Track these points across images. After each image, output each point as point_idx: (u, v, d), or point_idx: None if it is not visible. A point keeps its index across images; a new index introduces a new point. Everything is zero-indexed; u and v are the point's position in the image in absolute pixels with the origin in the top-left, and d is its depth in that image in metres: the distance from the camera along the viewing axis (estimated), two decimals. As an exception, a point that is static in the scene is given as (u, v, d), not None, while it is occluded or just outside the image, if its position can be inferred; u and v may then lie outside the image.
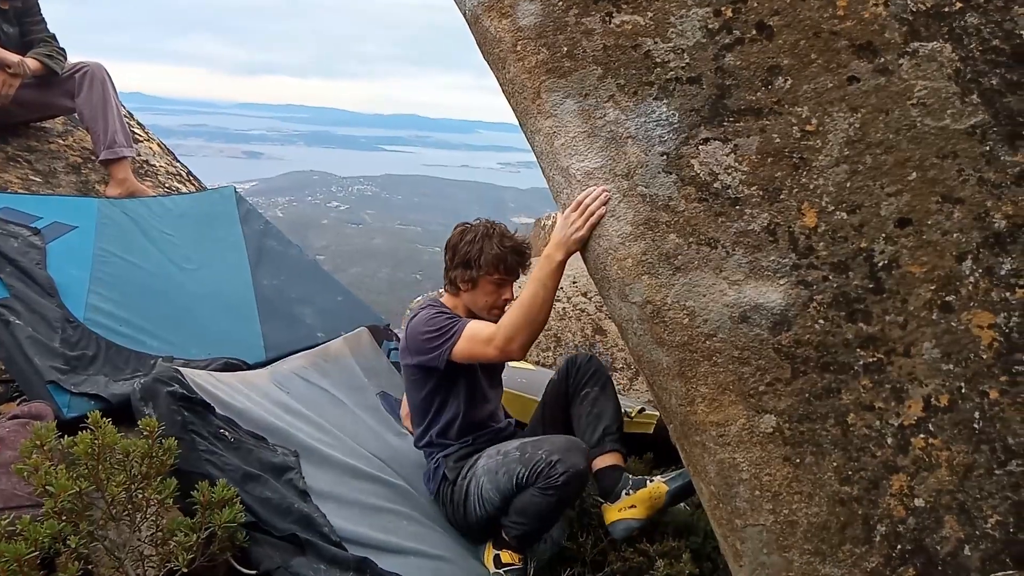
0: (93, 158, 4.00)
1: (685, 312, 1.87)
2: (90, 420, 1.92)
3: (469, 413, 2.60)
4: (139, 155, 4.33)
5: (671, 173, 1.91)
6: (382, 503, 2.52)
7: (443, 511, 2.61)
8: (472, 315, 2.60)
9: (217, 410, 2.39)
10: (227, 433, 2.32)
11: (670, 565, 2.22)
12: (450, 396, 2.58)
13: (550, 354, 4.77)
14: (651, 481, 2.40)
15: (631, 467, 2.71)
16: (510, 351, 2.31)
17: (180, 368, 2.49)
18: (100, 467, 1.87)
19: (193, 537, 1.93)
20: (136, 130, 4.51)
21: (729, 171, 1.88)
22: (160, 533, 1.95)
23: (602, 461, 2.48)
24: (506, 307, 2.60)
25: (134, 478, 1.92)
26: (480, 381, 2.64)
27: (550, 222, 6.84)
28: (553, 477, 2.22)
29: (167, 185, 4.34)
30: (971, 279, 1.71)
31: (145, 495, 1.92)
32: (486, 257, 2.54)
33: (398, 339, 3.38)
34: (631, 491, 2.36)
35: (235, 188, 4.00)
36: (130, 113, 4.56)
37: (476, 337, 2.39)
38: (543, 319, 2.27)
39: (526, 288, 2.27)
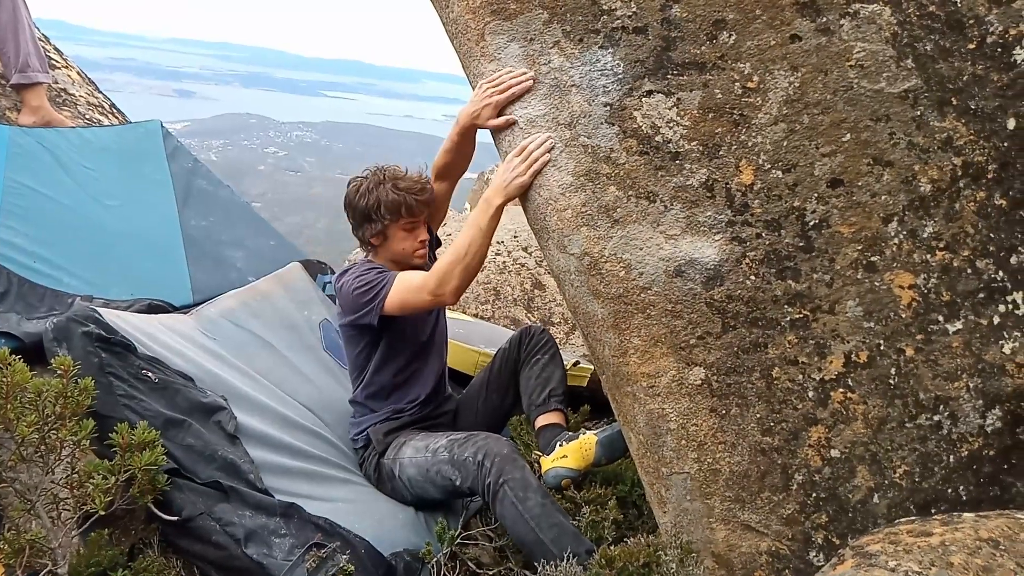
0: (3, 83, 3.73)
1: (621, 265, 1.88)
2: (-2, 358, 1.82)
3: (402, 377, 2.59)
4: (56, 83, 4.05)
5: (613, 124, 1.90)
6: (310, 450, 2.49)
7: (367, 474, 2.59)
8: (400, 267, 2.55)
9: (139, 350, 2.29)
10: (151, 374, 2.23)
11: (596, 512, 2.27)
12: (384, 357, 2.55)
13: (488, 307, 4.77)
14: (583, 434, 2.44)
15: (570, 421, 2.76)
16: (442, 295, 2.30)
17: (99, 308, 2.37)
18: (9, 407, 1.78)
19: (111, 480, 1.87)
20: (53, 56, 4.21)
21: (671, 125, 1.87)
22: (76, 475, 1.88)
23: (545, 419, 2.53)
24: (426, 247, 2.60)
25: (47, 419, 1.84)
26: (416, 347, 2.61)
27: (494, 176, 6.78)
28: (484, 475, 2.24)
29: (87, 117, 4.08)
30: (895, 240, 1.76)
31: (59, 436, 1.84)
32: (385, 205, 2.47)
33: (332, 272, 3.30)
34: (564, 443, 2.41)
35: (161, 123, 3.79)
36: (45, 37, 4.25)
37: (408, 286, 2.37)
38: (477, 264, 2.26)
39: (463, 232, 2.25)
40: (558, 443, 2.42)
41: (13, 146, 3.13)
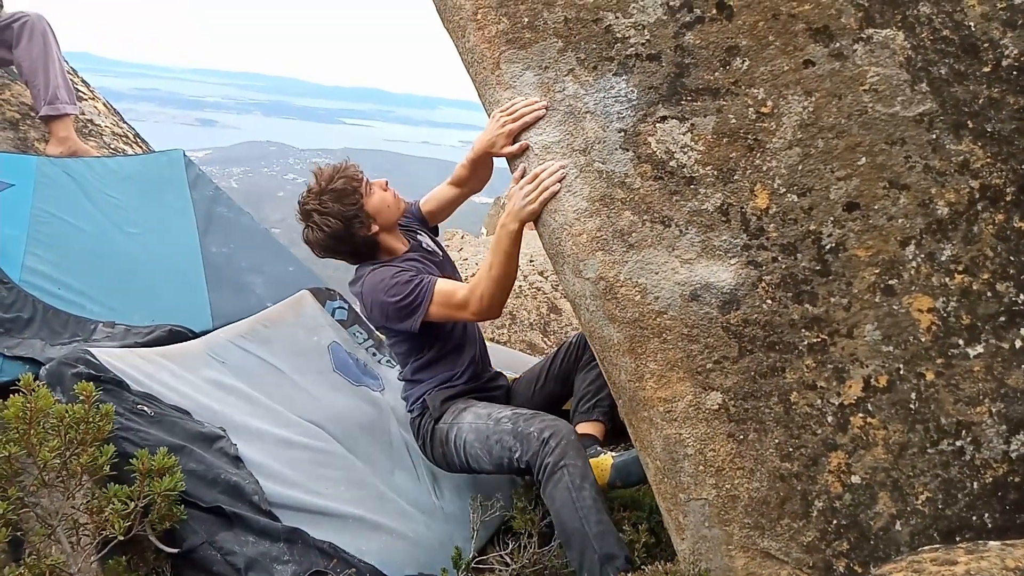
0: (32, 114, 3.82)
1: (637, 289, 1.88)
2: (22, 383, 1.85)
3: (446, 349, 2.64)
4: (83, 113, 4.15)
5: (628, 150, 1.91)
6: (317, 469, 2.49)
7: (417, 440, 2.67)
8: (392, 223, 2.62)
9: (132, 386, 2.31)
10: (146, 408, 2.25)
11: (628, 534, 2.26)
12: (426, 337, 2.59)
13: (504, 331, 4.77)
14: (603, 453, 2.45)
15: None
16: (485, 312, 2.40)
17: (91, 349, 2.40)
18: (32, 432, 1.80)
19: (131, 505, 1.89)
20: (80, 87, 4.32)
21: (685, 150, 1.88)
22: (96, 501, 1.89)
23: (584, 428, 2.59)
24: (389, 187, 2.64)
25: (69, 444, 1.86)
26: (455, 328, 2.67)
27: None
28: (546, 453, 2.24)
29: (112, 146, 4.18)
30: (913, 264, 1.75)
31: (80, 461, 1.86)
32: (344, 198, 2.51)
33: (342, 298, 3.33)
34: None
35: (184, 152, 3.86)
36: (73, 70, 4.36)
37: (450, 302, 2.42)
38: (512, 278, 2.35)
39: (490, 259, 2.31)
40: None
41: (41, 176, 3.21)
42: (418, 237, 2.80)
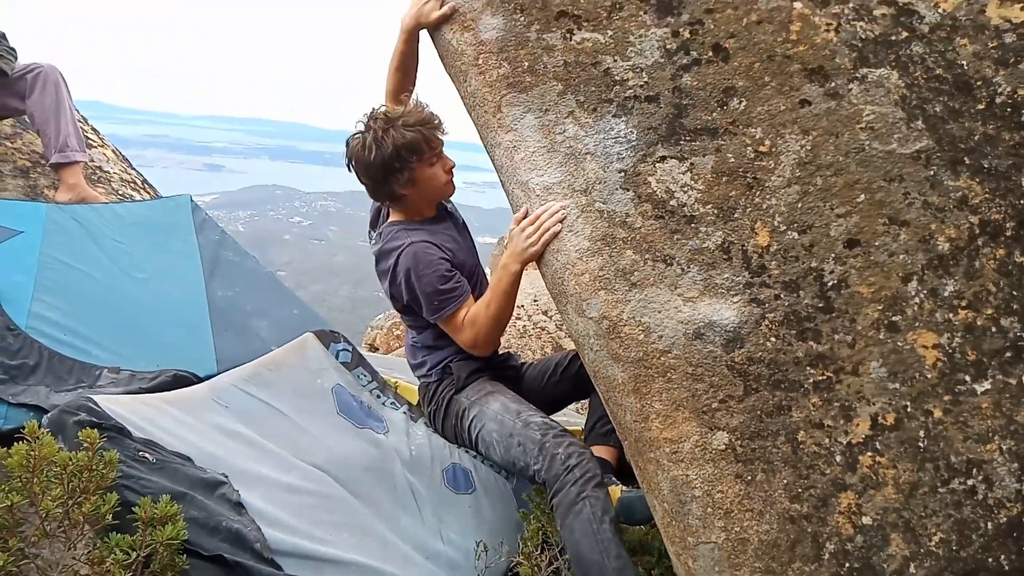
0: (43, 162, 3.89)
1: (641, 328, 1.88)
2: (26, 431, 1.84)
3: None
4: (92, 160, 4.22)
5: (628, 190, 1.93)
6: (320, 515, 2.47)
7: (428, 406, 2.66)
8: (433, 204, 2.57)
9: (134, 433, 2.30)
10: (148, 455, 2.24)
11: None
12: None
13: (509, 372, 4.74)
14: (615, 484, 2.43)
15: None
16: (479, 348, 2.46)
17: (94, 396, 2.40)
18: (35, 480, 1.79)
19: (133, 555, 1.86)
20: (90, 135, 4.40)
21: (685, 189, 1.90)
22: (97, 551, 1.87)
23: (599, 451, 2.56)
24: (452, 173, 2.55)
25: (72, 492, 1.85)
26: None
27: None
28: (568, 481, 2.22)
29: (121, 192, 4.24)
30: (916, 300, 1.75)
31: (82, 510, 1.84)
32: (406, 148, 2.36)
33: (346, 340, 3.32)
34: None
35: (191, 197, 3.91)
36: (84, 118, 4.45)
37: (456, 326, 2.46)
38: (508, 317, 2.40)
39: (488, 298, 2.33)
40: None
41: (49, 223, 3.24)
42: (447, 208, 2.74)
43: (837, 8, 1.90)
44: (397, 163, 2.38)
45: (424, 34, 2.37)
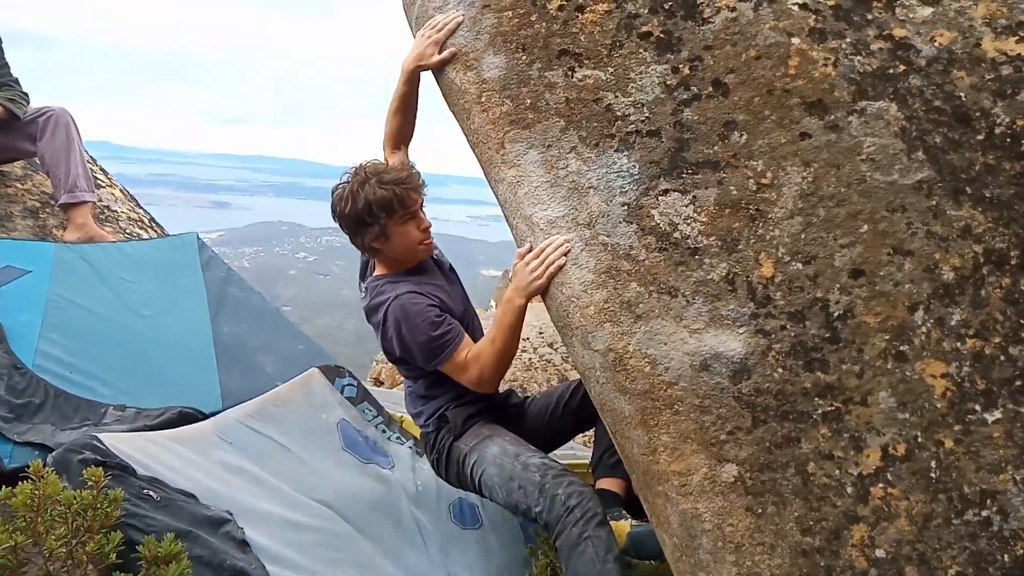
0: (52, 203, 3.94)
1: (647, 360, 1.88)
2: (31, 470, 1.84)
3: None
4: (100, 200, 4.27)
5: (632, 223, 1.94)
6: (325, 552, 2.44)
7: (430, 455, 2.62)
8: (408, 263, 2.53)
9: (139, 470, 2.29)
10: (152, 493, 2.23)
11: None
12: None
13: (515, 406, 4.72)
14: (624, 519, 2.39)
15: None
16: (484, 385, 2.41)
17: (99, 435, 2.40)
18: (39, 520, 1.78)
19: (137, 595, 1.84)
20: (98, 175, 4.46)
21: (688, 221, 1.91)
22: (100, 591, 1.85)
23: (606, 483, 2.55)
24: (429, 234, 2.52)
25: (76, 531, 1.83)
26: None
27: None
28: (570, 522, 2.20)
29: (128, 231, 4.28)
30: (923, 329, 1.74)
31: (86, 550, 1.83)
32: (376, 204, 2.36)
33: (351, 375, 3.32)
34: None
35: (198, 235, 3.95)
36: (93, 159, 4.52)
37: (458, 367, 2.42)
38: (513, 352, 2.37)
39: (493, 333, 2.31)
40: None
41: (58, 262, 3.28)
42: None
43: (835, 43, 1.93)
44: (368, 218, 2.39)
45: (427, 74, 2.41)
